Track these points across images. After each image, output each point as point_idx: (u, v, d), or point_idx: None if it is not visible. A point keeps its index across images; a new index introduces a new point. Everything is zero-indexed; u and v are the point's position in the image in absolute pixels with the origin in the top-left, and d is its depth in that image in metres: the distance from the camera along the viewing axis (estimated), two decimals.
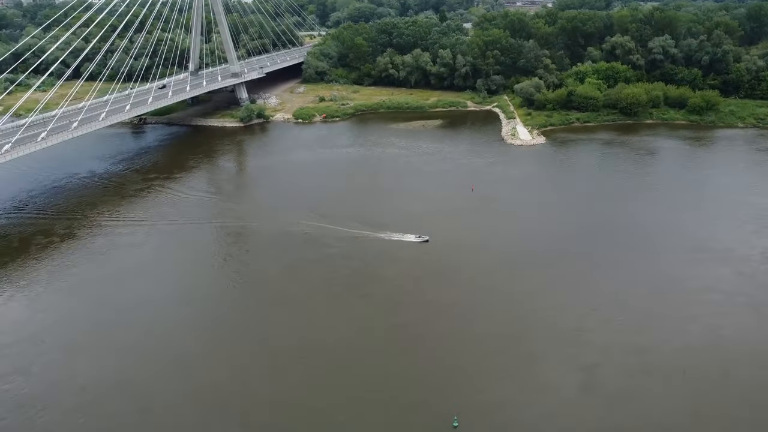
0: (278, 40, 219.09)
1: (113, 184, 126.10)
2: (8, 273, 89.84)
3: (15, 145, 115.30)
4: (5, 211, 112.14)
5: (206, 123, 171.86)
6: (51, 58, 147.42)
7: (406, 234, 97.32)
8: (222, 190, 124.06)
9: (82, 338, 75.17)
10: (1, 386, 65.96)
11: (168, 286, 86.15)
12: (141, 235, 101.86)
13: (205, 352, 71.51)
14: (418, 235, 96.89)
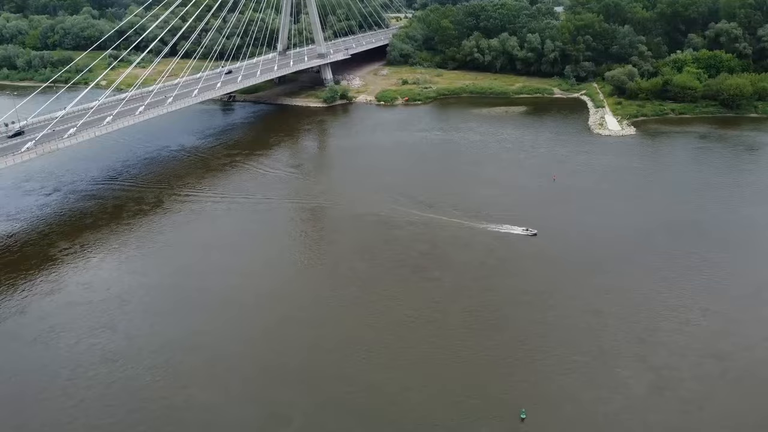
0: (365, 21, 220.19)
1: (200, 158, 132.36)
2: (102, 236, 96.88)
3: (116, 117, 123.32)
4: (102, 179, 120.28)
5: (291, 102, 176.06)
6: (151, 36, 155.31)
7: (513, 226, 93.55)
8: (302, 169, 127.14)
9: (163, 300, 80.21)
10: (91, 339, 71.71)
11: (243, 258, 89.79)
12: (222, 208, 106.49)
13: (272, 322, 74.33)
14: (525, 228, 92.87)
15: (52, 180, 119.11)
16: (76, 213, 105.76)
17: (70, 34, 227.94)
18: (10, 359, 69.07)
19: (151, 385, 64.58)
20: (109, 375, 65.96)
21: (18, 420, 60.01)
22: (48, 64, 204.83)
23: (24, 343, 71.67)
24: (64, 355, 69.58)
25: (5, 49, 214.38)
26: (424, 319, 73.92)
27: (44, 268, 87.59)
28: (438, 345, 69.27)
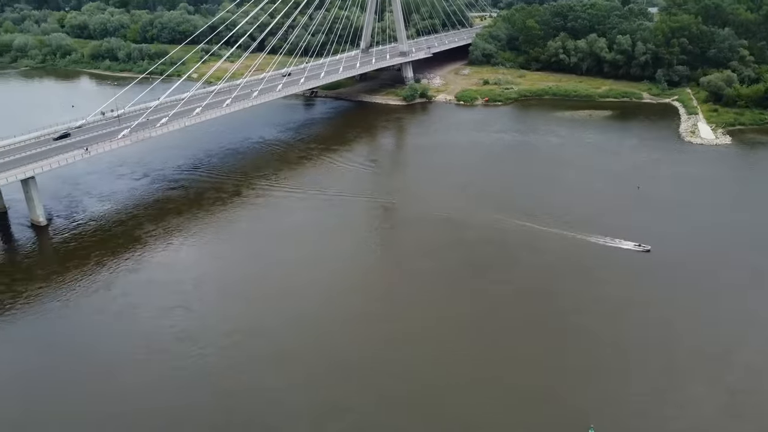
0: (448, 20, 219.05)
1: (278, 151, 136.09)
2: (183, 221, 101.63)
3: (204, 109, 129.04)
4: (186, 167, 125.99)
5: (371, 99, 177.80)
6: (240, 32, 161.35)
7: (622, 240, 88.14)
8: (377, 165, 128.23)
9: (235, 285, 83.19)
10: (166, 317, 75.52)
11: (313, 250, 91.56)
12: (296, 200, 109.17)
13: (335, 314, 75.34)
14: (638, 243, 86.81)
15: (142, 166, 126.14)
16: (162, 198, 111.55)
17: (166, 29, 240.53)
18: (94, 331, 73.80)
19: (217, 365, 67.07)
20: (179, 353, 69.14)
21: (93, 390, 63.91)
22: (146, 57, 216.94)
23: (107, 316, 76.46)
24: (140, 330, 73.62)
25: (108, 42, 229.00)
26: (488, 323, 72.93)
27: (130, 247, 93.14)
28: (504, 351, 68.16)
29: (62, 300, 79.80)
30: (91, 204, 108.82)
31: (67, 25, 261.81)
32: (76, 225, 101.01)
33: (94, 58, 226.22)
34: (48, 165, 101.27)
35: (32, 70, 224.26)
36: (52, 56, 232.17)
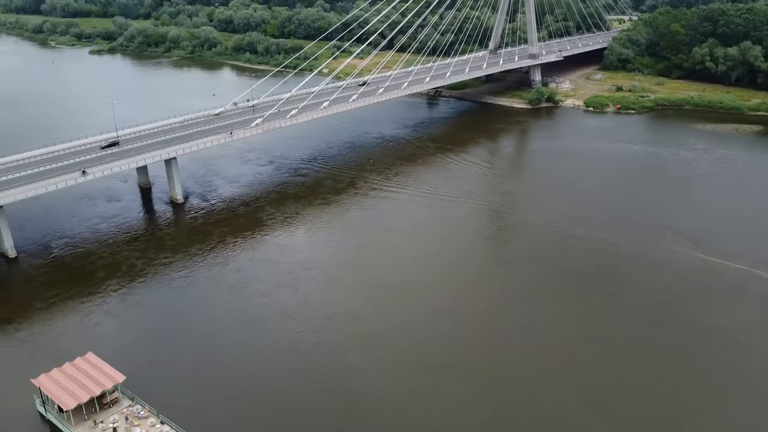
0: (583, 23, 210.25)
1: (395, 147, 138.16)
2: (300, 207, 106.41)
3: (332, 103, 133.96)
4: (307, 157, 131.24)
5: (495, 101, 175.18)
6: (371, 30, 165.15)
7: (762, 272, 79.53)
8: (493, 168, 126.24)
9: (341, 272, 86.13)
10: (274, 296, 79.72)
11: (418, 246, 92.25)
12: (407, 196, 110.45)
13: (431, 310, 75.31)
14: None
15: (268, 153, 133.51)
16: (283, 184, 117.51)
17: (303, 25, 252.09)
18: (209, 302, 79.43)
19: (313, 344, 69.93)
20: (283, 331, 72.87)
21: (200, 359, 68.49)
22: (282, 51, 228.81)
23: (221, 289, 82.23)
24: (249, 305, 78.54)
25: (250, 36, 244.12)
26: (589, 338, 69.66)
27: (250, 227, 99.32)
28: (605, 369, 64.66)
29: (185, 270, 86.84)
30: (221, 185, 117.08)
31: (215, 20, 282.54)
32: (207, 204, 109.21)
33: (236, 51, 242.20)
34: (189, 147, 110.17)
35: (182, 59, 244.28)
36: (200, 48, 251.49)
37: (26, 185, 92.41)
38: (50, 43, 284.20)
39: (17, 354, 69.66)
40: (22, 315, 76.64)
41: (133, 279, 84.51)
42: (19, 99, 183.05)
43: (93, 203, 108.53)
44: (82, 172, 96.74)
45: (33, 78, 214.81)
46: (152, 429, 57.56)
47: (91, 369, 60.89)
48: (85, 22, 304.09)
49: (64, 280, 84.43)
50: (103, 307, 78.19)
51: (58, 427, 58.80)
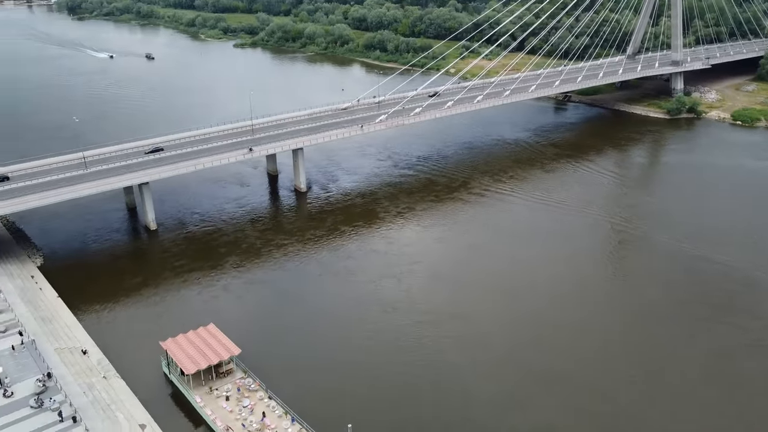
0: (738, 28, 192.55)
1: (514, 151, 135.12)
2: (413, 203, 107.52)
3: (456, 103, 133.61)
4: (424, 155, 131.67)
5: (629, 109, 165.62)
6: (502, 30, 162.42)
7: None
8: (617, 180, 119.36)
9: (446, 269, 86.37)
10: (377, 287, 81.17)
11: (528, 253, 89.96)
12: (520, 202, 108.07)
13: (531, 319, 72.86)
14: None
15: (386, 148, 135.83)
16: (398, 179, 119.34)
17: (434, 24, 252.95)
18: (317, 286, 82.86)
19: (415, 342, 70.30)
20: (384, 321, 74.37)
21: (306, 341, 70.98)
22: (411, 50, 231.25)
23: (330, 275, 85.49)
24: (355, 292, 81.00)
25: (381, 34, 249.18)
26: (708, 372, 64.01)
27: (363, 218, 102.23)
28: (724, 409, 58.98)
29: (298, 253, 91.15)
30: (341, 176, 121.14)
31: (349, 17, 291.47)
32: (326, 193, 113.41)
33: (366, 48, 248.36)
34: (317, 139, 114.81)
35: (316, 55, 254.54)
36: (333, 44, 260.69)
37: (174, 164, 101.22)
38: (200, 36, 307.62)
39: (149, 316, 76.42)
40: (155, 281, 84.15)
41: (250, 257, 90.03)
42: (169, 87, 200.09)
43: (225, 186, 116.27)
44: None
45: (183, 68, 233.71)
46: (260, 402, 60.68)
47: (211, 339, 65.34)
48: (232, 17, 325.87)
49: (192, 253, 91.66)
50: (222, 281, 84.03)
51: (178, 388, 63.69)
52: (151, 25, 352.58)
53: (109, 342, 69.87)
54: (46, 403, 57.77)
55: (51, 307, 76.19)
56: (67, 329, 72.02)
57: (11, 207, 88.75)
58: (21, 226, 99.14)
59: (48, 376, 61.18)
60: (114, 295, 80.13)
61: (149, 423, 58.13)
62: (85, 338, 70.65)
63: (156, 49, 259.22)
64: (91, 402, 58.93)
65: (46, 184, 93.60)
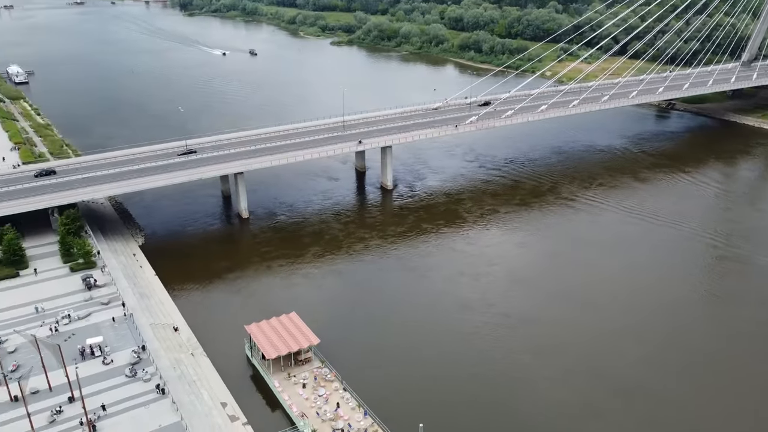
0: None
1: (607, 158, 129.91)
2: (497, 206, 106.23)
3: (550, 107, 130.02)
4: (510, 158, 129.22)
5: (740, 120, 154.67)
6: (604, 33, 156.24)
7: None
8: (720, 194, 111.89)
9: (524, 273, 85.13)
10: (453, 285, 79.87)
11: (615, 267, 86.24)
12: (607, 209, 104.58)
13: (617, 331, 69.56)
14: None
15: (473, 149, 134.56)
16: (483, 180, 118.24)
17: (531, 26, 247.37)
18: (394, 280, 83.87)
19: (490, 343, 69.50)
20: (459, 320, 74.42)
21: (381, 336, 71.49)
22: (506, 51, 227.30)
23: (407, 270, 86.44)
24: (431, 289, 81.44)
25: (477, 35, 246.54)
26: None
27: (445, 217, 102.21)
28: None
29: (378, 248, 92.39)
30: (427, 175, 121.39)
31: (445, 17, 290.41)
32: (411, 191, 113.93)
33: (461, 49, 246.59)
34: (404, 138, 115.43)
35: (410, 54, 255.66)
36: (427, 44, 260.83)
37: (268, 156, 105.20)
38: (300, 33, 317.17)
39: (235, 299, 79.90)
40: (243, 266, 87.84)
41: (332, 248, 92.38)
42: (267, 82, 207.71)
43: (314, 179, 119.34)
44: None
45: (282, 64, 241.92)
46: (335, 393, 61.91)
47: (292, 327, 67.37)
48: (331, 16, 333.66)
49: (278, 242, 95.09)
50: (304, 269, 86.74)
51: (259, 371, 66.15)
52: (255, 21, 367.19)
53: (198, 321, 73.71)
54: (139, 374, 61.73)
55: (148, 284, 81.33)
56: (162, 306, 76.62)
57: (119, 189, 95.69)
58: (127, 207, 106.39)
59: (142, 349, 65.33)
60: (205, 276, 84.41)
61: (230, 402, 60.79)
62: (177, 316, 74.92)
63: (258, 45, 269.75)
64: (178, 376, 62.36)
65: (151, 169, 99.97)
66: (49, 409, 56.46)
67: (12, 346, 64.89)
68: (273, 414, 60.68)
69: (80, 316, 70.44)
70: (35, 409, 55.36)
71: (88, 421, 54.72)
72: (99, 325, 69.14)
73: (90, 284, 76.34)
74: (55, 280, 78.10)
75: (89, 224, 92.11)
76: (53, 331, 67.34)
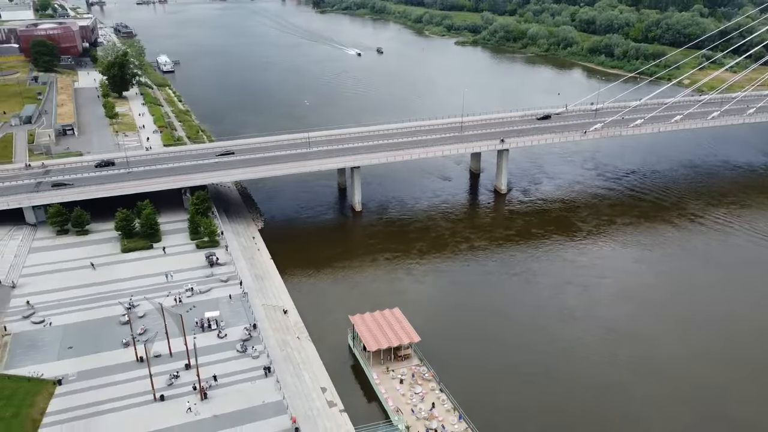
0: None
1: (746, 176, 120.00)
2: (614, 218, 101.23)
3: (685, 117, 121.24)
4: (633, 169, 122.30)
5: None
6: (756, 40, 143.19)
7: None
8: None
9: (634, 289, 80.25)
10: (561, 293, 76.70)
11: (738, 294, 79.63)
12: (740, 233, 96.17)
13: (730, 362, 63.38)
14: None
15: (593, 158, 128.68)
16: (602, 190, 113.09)
17: (671, 30, 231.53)
18: (496, 284, 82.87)
19: (595, 359, 66.65)
20: (562, 329, 72.48)
21: (482, 339, 70.17)
22: (640, 56, 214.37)
23: (510, 275, 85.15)
24: (535, 295, 79.89)
25: (609, 38, 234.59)
26: None
27: (557, 224, 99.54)
28: None
29: (484, 250, 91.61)
30: (543, 180, 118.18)
31: (576, 19, 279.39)
32: (525, 196, 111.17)
33: (591, 52, 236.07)
34: (523, 142, 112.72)
35: (535, 57, 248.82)
36: (555, 47, 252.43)
37: (385, 152, 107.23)
38: (425, 32, 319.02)
39: (341, 289, 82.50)
40: (351, 258, 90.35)
41: (437, 247, 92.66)
42: (391, 79, 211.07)
43: (427, 177, 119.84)
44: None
45: (406, 62, 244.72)
46: (431, 393, 61.95)
47: (395, 322, 68.20)
48: (457, 15, 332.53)
49: (386, 235, 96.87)
50: (408, 265, 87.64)
51: (359, 361, 67.69)
52: (382, 20, 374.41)
53: (306, 306, 76.80)
54: (249, 350, 65.37)
55: (264, 266, 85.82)
56: (274, 289, 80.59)
57: (245, 175, 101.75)
58: (250, 193, 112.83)
59: (253, 327, 69.09)
60: (315, 264, 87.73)
61: (329, 387, 62.78)
62: (287, 299, 78.49)
63: (383, 44, 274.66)
64: (284, 358, 65.32)
65: (275, 158, 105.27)
66: (168, 373, 61.34)
67: (142, 311, 71.14)
68: (369, 405, 61.90)
69: (201, 291, 75.78)
70: (156, 371, 60.30)
71: (201, 388, 58.83)
72: (217, 301, 74.00)
73: (212, 261, 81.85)
74: (182, 255, 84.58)
75: (216, 206, 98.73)
76: (177, 302, 72.96)
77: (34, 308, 71.80)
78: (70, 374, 61.27)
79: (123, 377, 60.93)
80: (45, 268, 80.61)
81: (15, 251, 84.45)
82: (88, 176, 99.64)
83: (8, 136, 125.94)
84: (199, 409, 57.18)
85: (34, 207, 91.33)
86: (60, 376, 60.92)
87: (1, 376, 60.32)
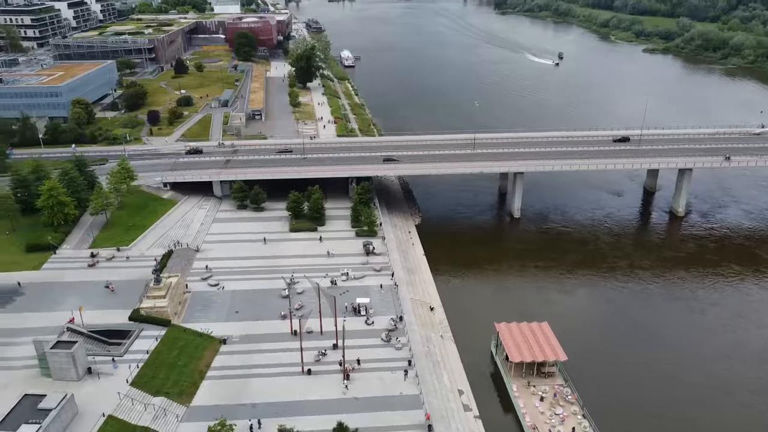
0: None
1: None
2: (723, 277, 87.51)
3: None
4: None
5: None
6: None
7: None
8: None
9: None
10: (732, 331, 68.30)
11: None
12: None
13: None
14: None
15: None
16: None
17: None
18: (657, 311, 74.56)
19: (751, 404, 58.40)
20: (720, 367, 66.25)
21: (635, 372, 64.57)
22: None
23: (674, 300, 78.44)
24: (699, 326, 73.84)
25: None
26: None
27: (739, 254, 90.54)
28: None
29: (646, 272, 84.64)
30: (729, 207, 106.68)
31: None
32: (706, 222, 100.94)
33: None
34: (711, 163, 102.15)
35: (738, 68, 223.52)
36: (763, 58, 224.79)
37: (551, 159, 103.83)
38: (610, 37, 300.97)
39: (489, 294, 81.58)
40: (503, 264, 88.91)
41: (593, 261, 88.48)
42: (568, 84, 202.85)
43: (593, 190, 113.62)
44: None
45: (586, 67, 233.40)
46: (572, 417, 58.95)
47: (542, 337, 65.83)
48: (648, 21, 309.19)
49: (541, 244, 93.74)
50: (559, 276, 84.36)
51: (499, 370, 66.42)
52: (564, 23, 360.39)
53: (452, 305, 76.96)
54: (393, 341, 67.08)
55: (416, 261, 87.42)
56: (423, 284, 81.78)
57: (410, 170, 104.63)
58: (411, 188, 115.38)
59: (400, 319, 70.72)
60: (466, 265, 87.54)
61: (466, 391, 62.42)
62: (435, 296, 79.27)
63: (564, 48, 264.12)
64: (425, 353, 66.10)
65: (439, 157, 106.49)
66: (317, 350, 65.13)
67: (301, 288, 76.19)
68: (504, 416, 60.63)
69: (356, 277, 79.22)
70: (307, 346, 64.28)
71: (344, 369, 61.66)
72: (369, 288, 76.89)
73: (369, 250, 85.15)
74: (342, 241, 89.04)
75: (378, 198, 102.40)
76: (333, 285, 77.05)
77: (212, 272, 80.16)
78: (234, 336, 67.59)
79: (278, 346, 65.82)
80: (224, 237, 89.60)
81: (202, 220, 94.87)
82: (269, 158, 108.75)
83: (207, 117, 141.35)
84: (342, 390, 60.01)
85: (221, 182, 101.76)
86: (226, 336, 67.47)
87: (179, 328, 68.26)
